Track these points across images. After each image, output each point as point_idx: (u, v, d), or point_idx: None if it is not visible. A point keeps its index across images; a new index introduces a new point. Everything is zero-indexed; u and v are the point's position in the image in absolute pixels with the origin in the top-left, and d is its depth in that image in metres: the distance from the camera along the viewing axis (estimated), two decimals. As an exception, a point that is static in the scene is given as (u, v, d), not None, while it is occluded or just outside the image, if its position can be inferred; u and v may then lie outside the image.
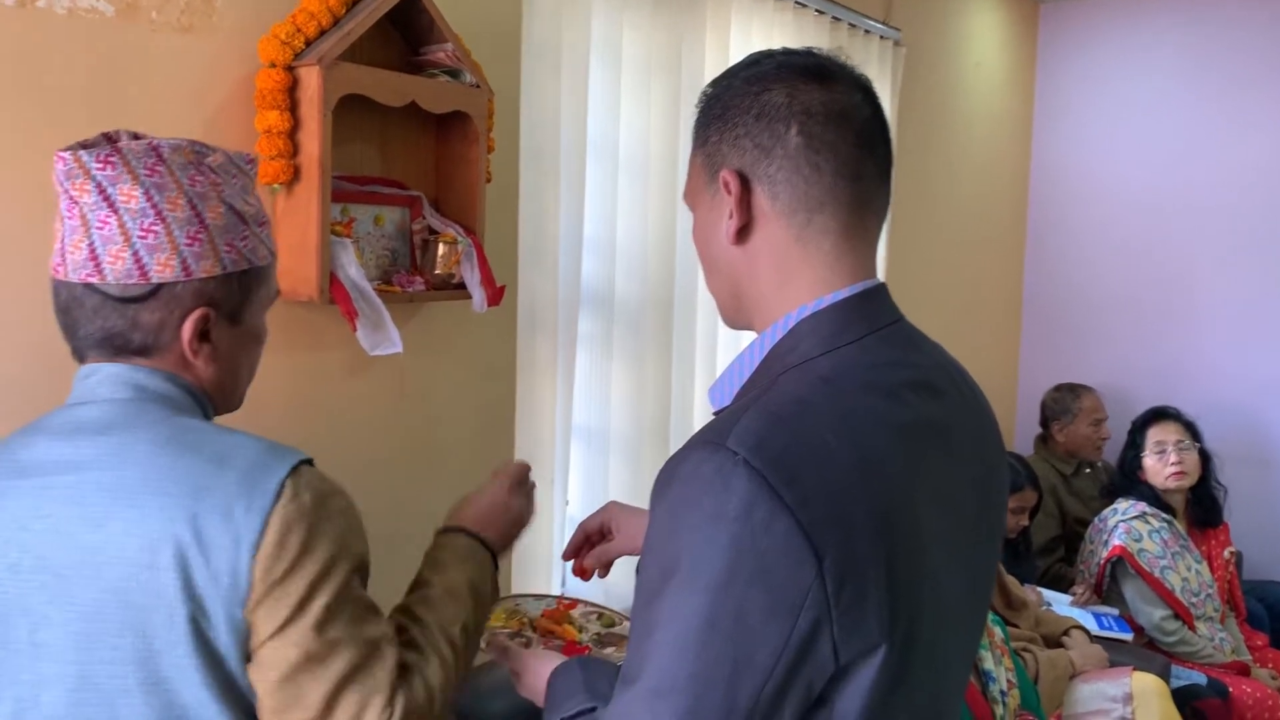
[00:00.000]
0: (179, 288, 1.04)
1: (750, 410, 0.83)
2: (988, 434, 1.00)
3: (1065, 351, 4.51)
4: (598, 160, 2.32)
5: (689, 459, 0.82)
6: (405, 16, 1.75)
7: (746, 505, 0.76)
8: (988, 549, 0.98)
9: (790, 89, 0.91)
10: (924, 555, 0.83)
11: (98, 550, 0.95)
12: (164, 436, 0.99)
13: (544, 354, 2.19)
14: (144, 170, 1.02)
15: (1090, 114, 4.49)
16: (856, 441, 0.82)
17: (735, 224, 0.93)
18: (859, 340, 0.89)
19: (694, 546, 0.78)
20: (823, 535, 0.76)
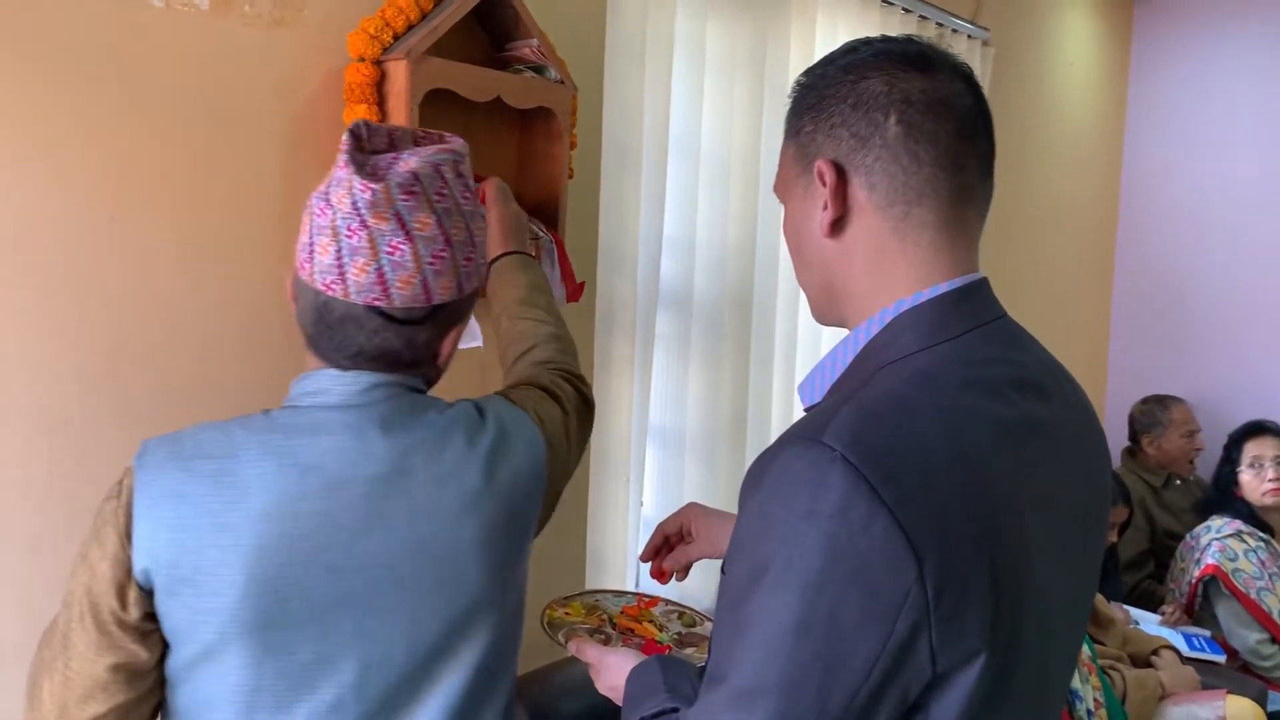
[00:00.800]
0: (450, 306, 1.08)
1: (846, 405, 0.79)
2: (1094, 440, 0.95)
3: (1156, 361, 4.36)
4: (679, 159, 2.30)
5: (782, 454, 0.79)
6: (491, 12, 1.75)
7: (843, 502, 0.73)
8: (1090, 560, 0.93)
9: (889, 77, 0.88)
10: (1027, 562, 0.80)
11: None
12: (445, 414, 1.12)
13: (621, 353, 2.18)
14: (435, 195, 1.05)
15: (1185, 117, 4.34)
16: (958, 440, 0.78)
17: (830, 215, 0.90)
18: (959, 336, 0.86)
19: (787, 544, 0.75)
20: (923, 536, 0.73)
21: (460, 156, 1.09)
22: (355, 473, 1.03)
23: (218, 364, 1.55)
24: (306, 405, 1.07)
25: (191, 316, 1.51)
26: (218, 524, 0.99)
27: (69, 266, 1.38)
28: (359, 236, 1.02)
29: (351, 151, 1.04)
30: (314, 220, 1.05)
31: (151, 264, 1.46)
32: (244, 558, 0.98)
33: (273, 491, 1.00)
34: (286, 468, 1.01)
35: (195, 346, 1.52)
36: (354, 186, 1.01)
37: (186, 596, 0.99)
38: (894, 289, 0.89)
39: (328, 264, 1.03)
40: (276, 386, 1.58)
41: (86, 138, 1.38)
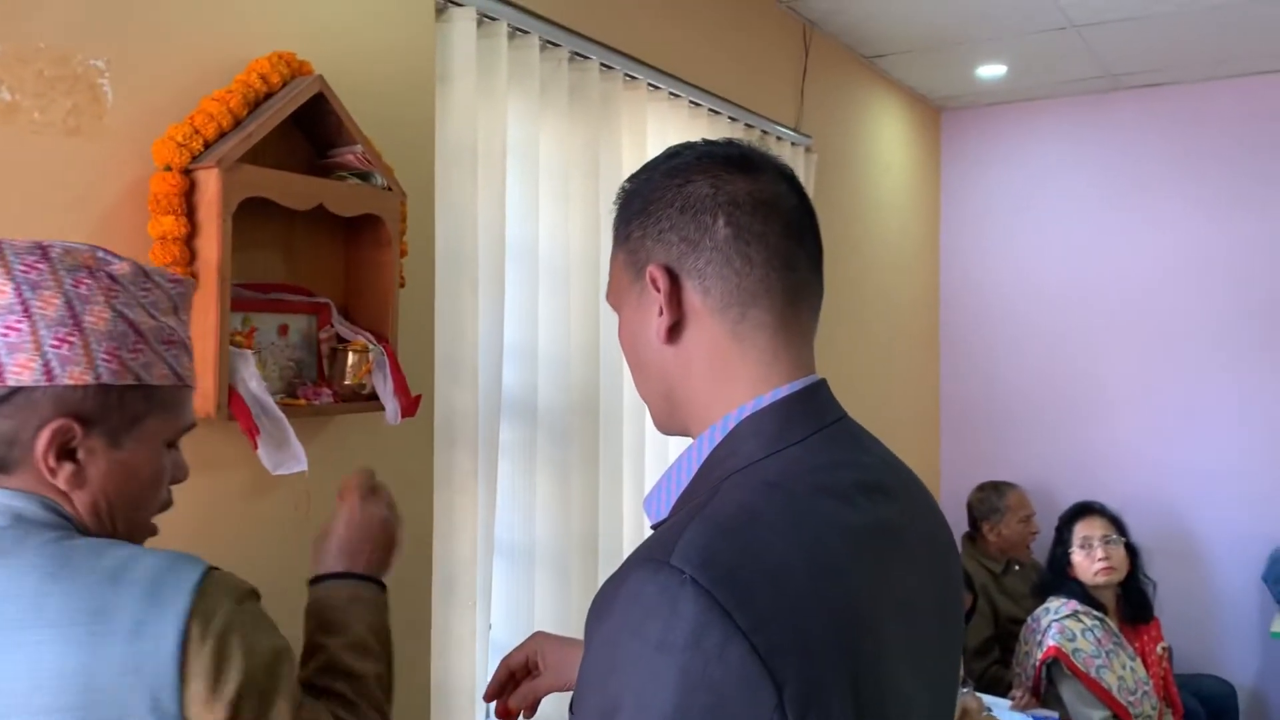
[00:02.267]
0: (37, 393, 0.91)
1: (694, 522, 0.74)
2: (941, 537, 0.93)
3: (985, 449, 4.54)
4: (517, 264, 2.26)
5: (629, 579, 0.73)
6: (311, 118, 1.68)
7: (696, 631, 0.68)
8: (951, 660, 0.90)
9: (714, 179, 0.87)
10: (891, 672, 0.76)
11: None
12: (53, 557, 0.87)
13: (463, 466, 2.07)
14: (20, 266, 0.92)
15: (995, 215, 4.62)
16: (812, 552, 0.74)
17: (666, 322, 0.87)
18: (803, 440, 0.83)
19: (638, 681, 0.68)
20: (782, 661, 0.68)
21: (107, 259, 0.97)
22: None
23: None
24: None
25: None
26: None
27: None
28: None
29: None
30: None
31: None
32: None
33: None
34: None
35: None
36: None
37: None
38: (734, 395, 0.86)
39: None
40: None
41: None
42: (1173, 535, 4.16)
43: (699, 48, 2.95)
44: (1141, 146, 4.27)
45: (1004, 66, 4.05)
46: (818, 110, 3.64)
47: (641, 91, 2.67)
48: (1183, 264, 4.16)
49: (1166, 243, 4.20)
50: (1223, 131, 4.11)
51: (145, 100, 1.52)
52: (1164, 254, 4.21)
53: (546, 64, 2.34)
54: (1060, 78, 4.17)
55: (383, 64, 1.91)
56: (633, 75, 2.63)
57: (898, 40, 3.75)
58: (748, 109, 3.14)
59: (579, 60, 2.44)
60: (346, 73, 1.79)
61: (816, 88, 3.62)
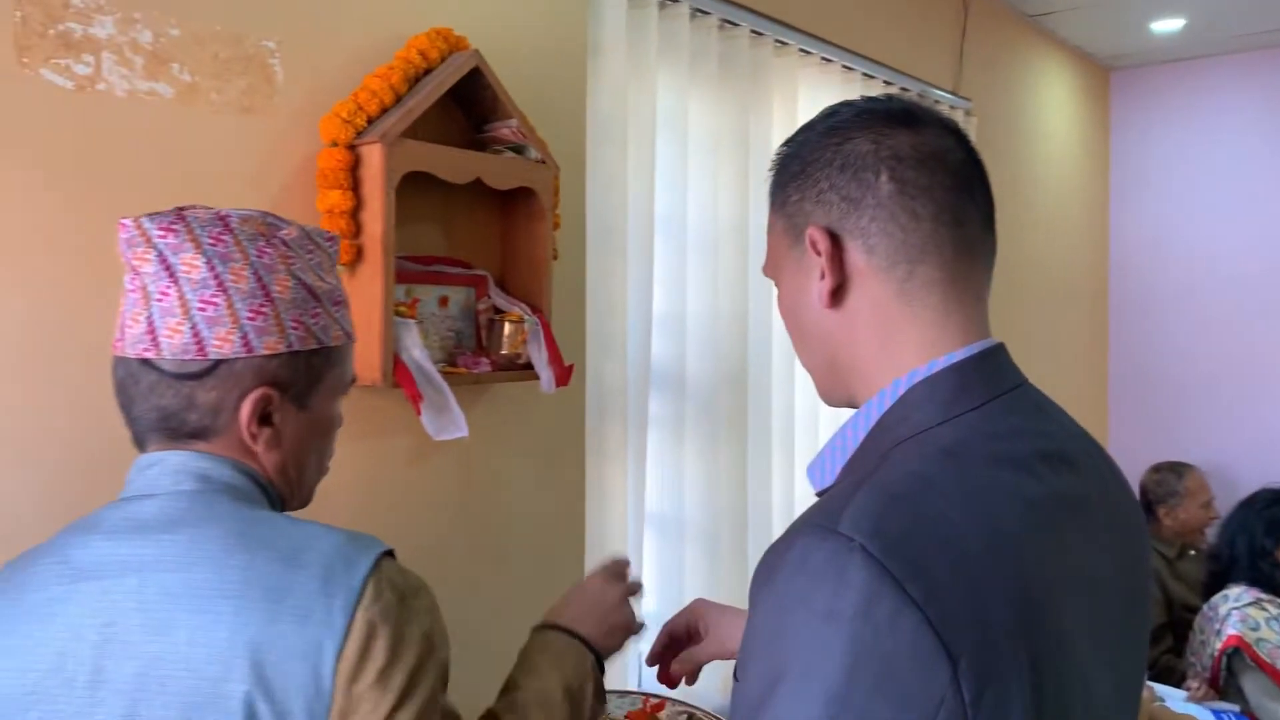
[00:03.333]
0: (239, 364, 0.95)
1: (863, 489, 0.71)
2: (1129, 512, 0.87)
3: (1156, 426, 4.30)
4: (666, 236, 2.25)
5: (795, 546, 0.70)
6: (468, 93, 1.71)
7: (866, 600, 0.65)
8: (1137, 642, 0.85)
9: (875, 134, 0.83)
10: (1071, 651, 0.72)
11: (160, 661, 0.86)
12: (235, 532, 0.90)
13: (614, 437, 2.09)
14: (208, 239, 0.96)
15: (1168, 181, 4.35)
16: (988, 522, 0.70)
17: (829, 284, 0.83)
18: (980, 406, 0.78)
19: (805, 649, 0.67)
20: (956, 633, 0.65)
21: (281, 224, 1.01)
22: (104, 573, 0.90)
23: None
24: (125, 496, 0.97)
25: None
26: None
27: (29, 366, 1.30)
28: (135, 285, 0.95)
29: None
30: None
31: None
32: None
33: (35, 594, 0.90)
34: (50, 567, 0.92)
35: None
36: (118, 229, 0.96)
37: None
38: (905, 358, 0.82)
39: (119, 324, 0.98)
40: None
41: (46, 232, 1.31)
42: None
43: (852, 10, 2.87)
44: (1338, 102, 3.94)
45: (1181, 19, 3.79)
46: (978, 72, 3.50)
47: (792, 57, 2.62)
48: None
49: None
50: None
51: (312, 78, 1.58)
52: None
53: (696, 33, 2.32)
54: (1244, 30, 3.88)
55: (536, 38, 1.93)
56: (783, 41, 2.58)
57: (1064, -4, 3.57)
58: (904, 72, 3.04)
59: (729, 28, 2.42)
60: (501, 47, 1.81)
61: (976, 49, 3.48)
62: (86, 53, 1.34)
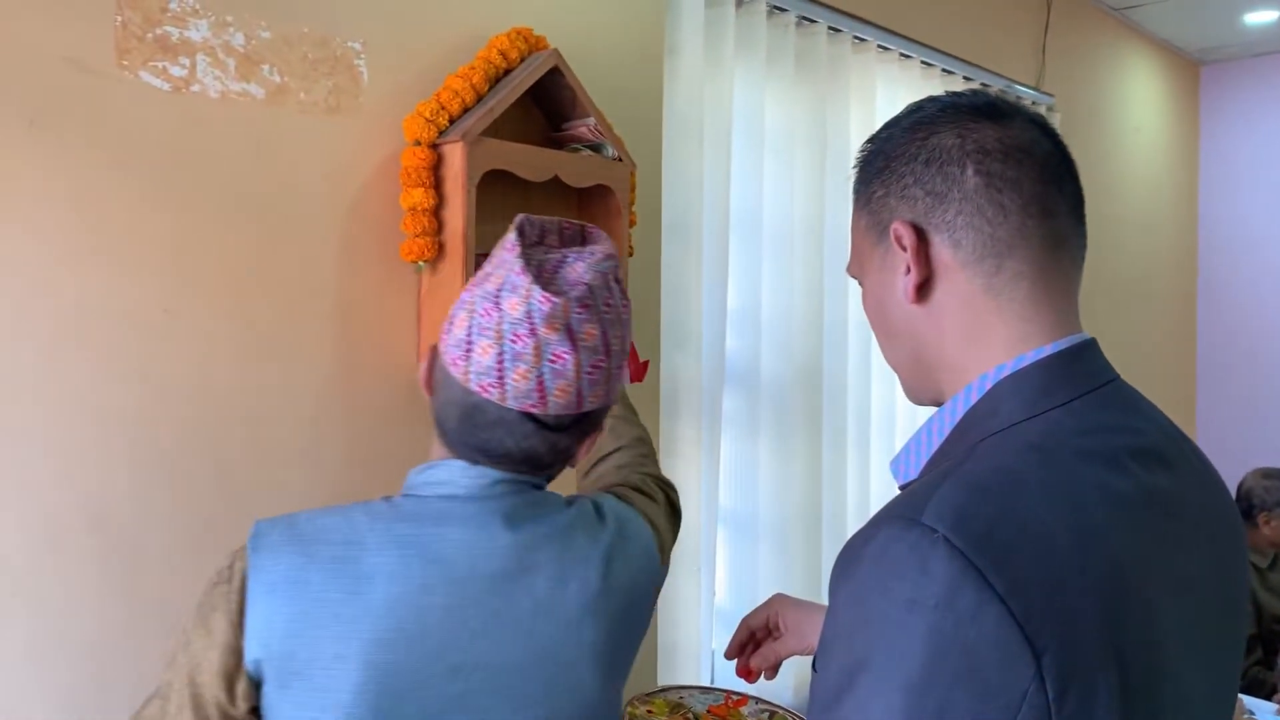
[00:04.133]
0: (595, 413, 1.05)
1: (948, 480, 0.70)
2: (1226, 513, 0.85)
3: (1244, 427, 4.16)
4: (741, 234, 2.25)
5: (877, 536, 0.70)
6: (547, 92, 1.73)
7: (948, 591, 0.64)
8: (1233, 648, 0.82)
9: (960, 128, 0.82)
10: (1161, 651, 0.70)
11: None
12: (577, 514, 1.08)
13: (688, 435, 2.10)
14: (604, 307, 1.01)
15: (1260, 176, 4.21)
16: (1076, 518, 0.69)
17: (915, 279, 0.82)
18: (1070, 402, 0.77)
19: (886, 639, 0.66)
20: (1041, 628, 0.63)
21: (617, 261, 1.07)
22: (479, 567, 0.99)
23: (279, 462, 1.50)
24: (430, 495, 1.03)
25: (250, 412, 1.47)
26: (337, 614, 0.93)
27: (124, 358, 1.36)
28: (525, 343, 0.98)
29: (525, 253, 1.01)
30: (475, 319, 1.01)
31: (207, 357, 1.43)
32: (362, 652, 0.93)
33: (396, 583, 0.95)
34: (410, 558, 0.96)
35: (254, 443, 1.47)
36: (533, 296, 0.97)
37: (298, 691, 0.93)
38: (992, 353, 0.81)
39: (487, 366, 0.99)
40: (341, 486, 1.53)
41: (143, 229, 1.36)
42: None
43: (931, 5, 2.84)
44: None
45: (1276, 11, 3.66)
46: (1060, 67, 3.42)
47: (871, 54, 2.60)
48: None
49: None
50: None
51: (396, 79, 1.61)
52: None
53: (773, 30, 2.32)
54: (1346, 20, 3.74)
55: (614, 37, 1.94)
56: (861, 37, 2.56)
57: (1152, -12, 3.48)
58: (984, 68, 2.99)
59: (806, 25, 2.40)
60: (580, 46, 1.83)
61: (1059, 43, 3.41)
62: (183, 55, 1.39)
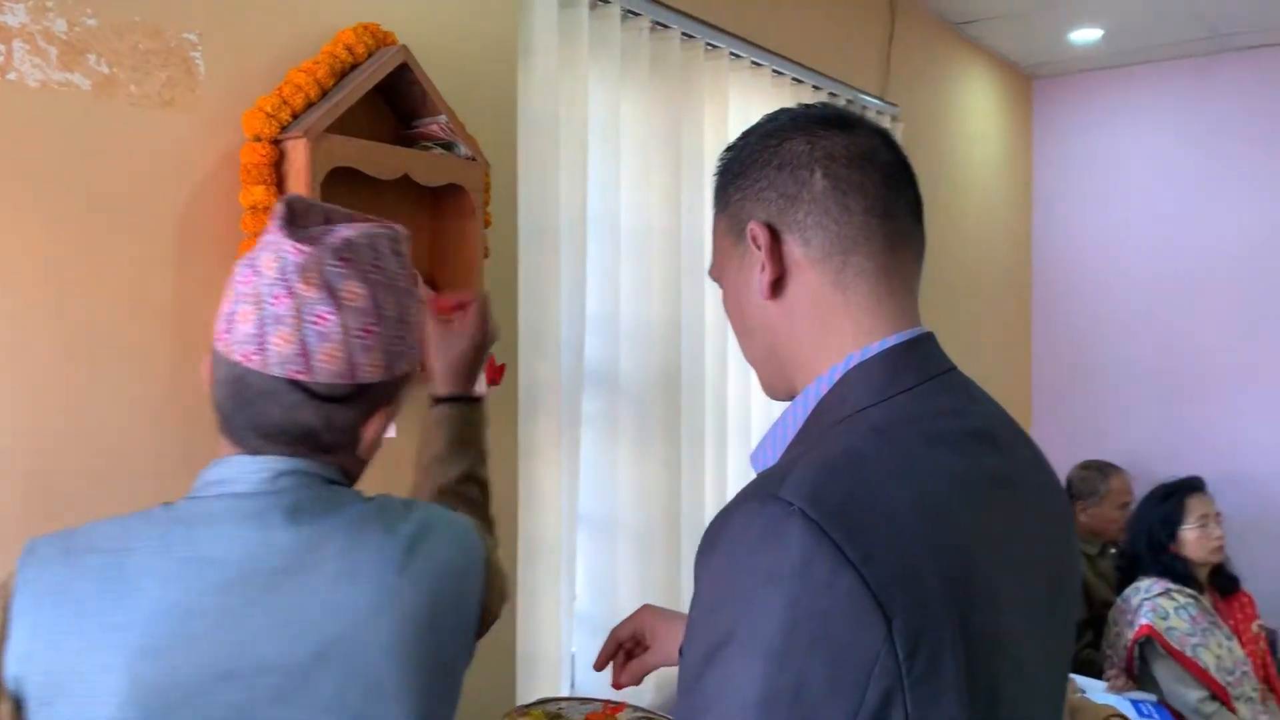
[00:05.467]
0: (376, 388, 1.00)
1: (802, 461, 0.75)
2: (1055, 493, 0.92)
3: (1076, 424, 4.41)
4: (599, 236, 2.25)
5: (736, 514, 0.74)
6: (396, 90, 1.69)
7: (804, 561, 0.68)
8: (1064, 621, 0.88)
9: (810, 136, 0.89)
10: (1000, 620, 0.75)
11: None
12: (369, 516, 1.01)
13: (547, 437, 2.09)
14: (369, 267, 0.99)
15: (1088, 185, 4.48)
16: (920, 494, 0.74)
17: (769, 276, 0.88)
18: (912, 389, 0.83)
19: (747, 612, 0.69)
20: (891, 594, 0.68)
21: (398, 235, 1.05)
22: (256, 566, 0.93)
23: (117, 467, 1.41)
24: (209, 495, 0.98)
25: (82, 417, 1.38)
26: (104, 624, 0.88)
27: (-69, 366, 1.26)
28: (284, 304, 0.95)
29: (285, 221, 0.99)
30: (237, 288, 0.98)
31: (33, 362, 1.34)
32: (129, 663, 0.87)
33: (166, 588, 0.90)
34: (183, 561, 0.92)
35: (88, 449, 1.39)
36: (283, 249, 0.96)
37: (61, 706, 0.87)
38: (841, 345, 0.87)
39: (248, 333, 0.96)
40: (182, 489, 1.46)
41: (-48, 226, 1.27)
42: (1273, 516, 4.00)
43: (782, 16, 2.91)
44: (1248, 111, 4.08)
45: (1100, 30, 3.90)
46: (904, 79, 3.56)
47: (723, 61, 2.64)
48: (1291, 234, 3.98)
49: (1270, 212, 4.02)
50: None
51: (235, 72, 1.55)
52: (1268, 223, 4.02)
53: (627, 34, 2.33)
54: (1160, 40, 4.00)
55: (465, 35, 1.91)
56: (714, 44, 2.60)
57: (988, 4, 3.65)
58: (833, 78, 3.08)
59: (660, 30, 2.43)
60: (430, 44, 1.80)
61: (903, 55, 3.54)
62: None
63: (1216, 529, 3.14)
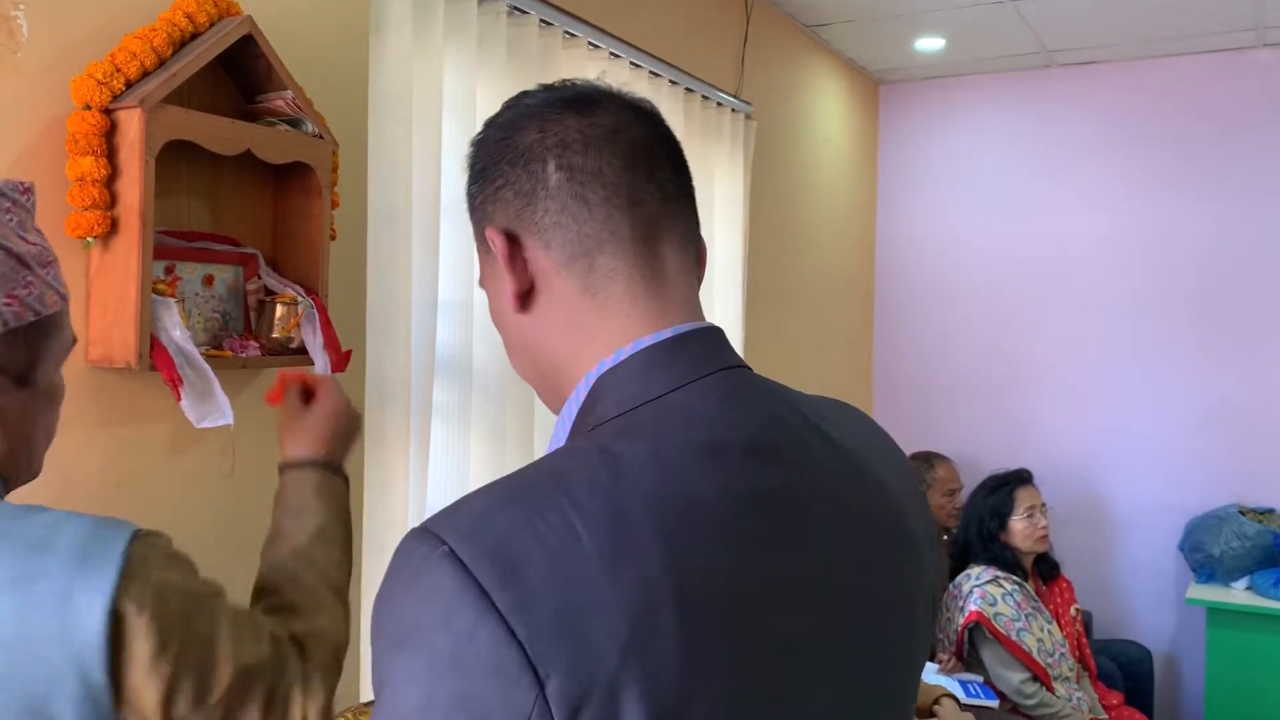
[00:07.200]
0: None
1: (493, 486, 0.67)
2: (879, 508, 0.78)
3: (917, 418, 4.60)
4: (453, 221, 2.21)
5: (401, 549, 0.65)
6: (239, 61, 1.62)
7: (446, 610, 0.60)
8: (891, 651, 0.76)
9: (542, 123, 0.78)
10: (731, 665, 0.63)
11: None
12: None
13: (395, 426, 2.04)
14: None
15: (930, 190, 4.67)
16: (613, 524, 0.63)
17: (513, 288, 0.78)
18: (663, 396, 0.72)
19: (392, 663, 0.62)
20: (549, 649, 0.58)
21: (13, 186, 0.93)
22: None
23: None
24: None
25: None
26: None
27: None
28: None
29: None
30: None
31: None
32: None
33: None
34: None
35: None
36: None
37: None
38: (595, 352, 0.76)
39: None
40: None
41: None
42: (1093, 506, 4.27)
43: (641, 9, 2.92)
44: (1074, 124, 4.34)
45: (942, 40, 4.08)
46: (758, 78, 3.63)
47: (581, 50, 2.64)
48: (1112, 241, 4.25)
49: (1097, 220, 4.29)
50: (1154, 111, 4.19)
51: (63, 36, 1.45)
52: (1094, 231, 4.29)
53: (484, 18, 2.30)
54: (997, 53, 4.22)
55: (314, 8, 1.85)
56: (572, 33, 2.59)
57: (838, 9, 3.76)
58: (689, 73, 3.12)
59: (517, 15, 2.40)
60: (276, 15, 1.73)
61: (758, 55, 3.61)
62: None
63: (1042, 519, 3.34)
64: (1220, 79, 4.09)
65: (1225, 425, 4.06)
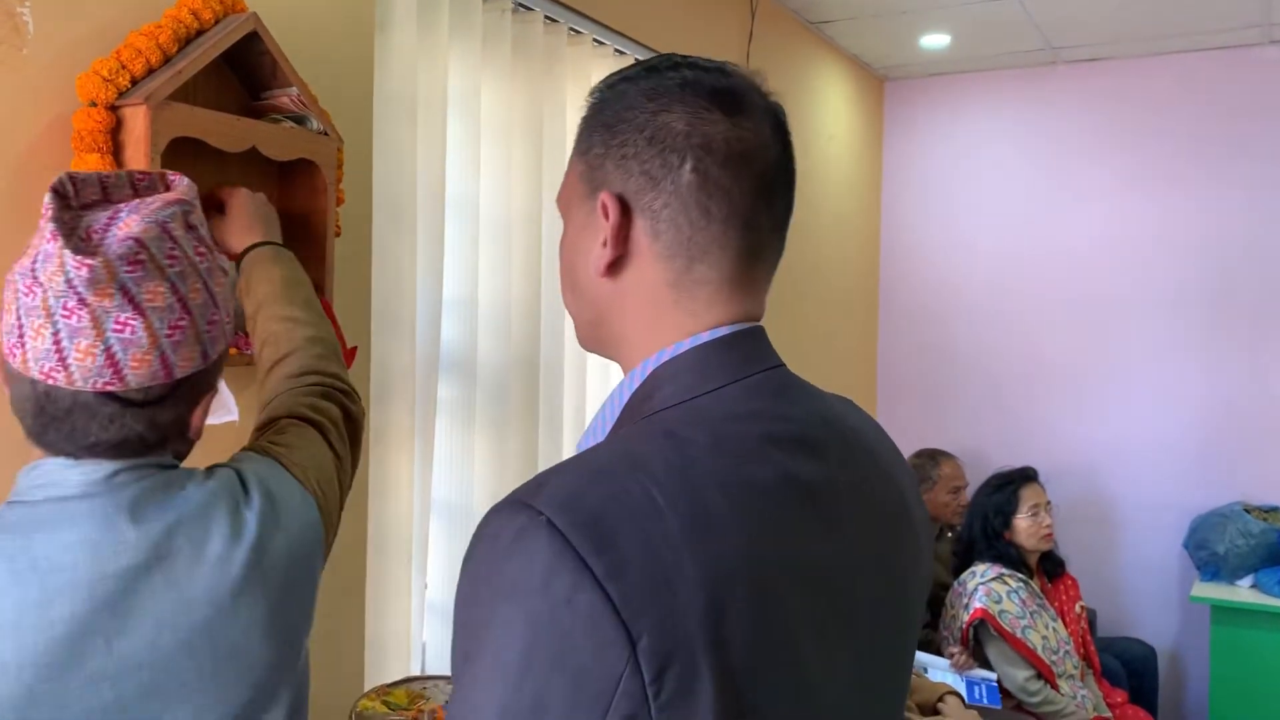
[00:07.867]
0: (196, 378, 0.96)
1: (572, 464, 0.72)
2: (890, 502, 0.85)
3: (920, 416, 4.60)
4: (457, 217, 2.22)
5: (493, 519, 0.69)
6: (244, 58, 1.62)
7: (546, 574, 0.64)
8: (894, 639, 0.82)
9: (692, 115, 0.79)
10: (783, 641, 0.69)
11: None
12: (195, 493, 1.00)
13: (400, 422, 2.04)
14: (166, 260, 0.92)
15: (935, 187, 4.66)
16: (691, 505, 0.68)
17: (609, 256, 0.81)
18: (718, 389, 0.78)
19: (491, 626, 0.66)
20: (639, 612, 0.63)
21: (189, 206, 0.98)
22: (107, 567, 0.90)
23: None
24: (38, 499, 0.92)
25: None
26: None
27: None
28: (79, 316, 0.89)
29: (58, 215, 0.91)
30: (20, 300, 0.90)
31: None
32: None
33: (8, 602, 0.86)
34: (22, 572, 0.87)
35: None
36: (67, 264, 0.88)
37: None
38: (661, 339, 0.81)
39: (44, 349, 0.89)
40: None
41: None
42: (1099, 504, 4.26)
43: (645, 5, 2.92)
44: (1079, 121, 4.33)
45: (947, 36, 4.07)
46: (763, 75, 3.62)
47: (586, 47, 2.64)
48: (1118, 238, 4.24)
49: (1101, 218, 4.27)
50: (1160, 108, 4.18)
51: (69, 32, 1.46)
52: (1099, 229, 4.28)
53: (489, 15, 2.30)
54: (1002, 49, 4.21)
55: (319, 6, 1.85)
56: (577, 30, 2.59)
57: (843, 6, 3.75)
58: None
59: (522, 12, 2.40)
60: (281, 12, 1.73)
61: (762, 52, 3.61)
62: None
63: (1047, 517, 3.34)
64: (1227, 76, 4.07)
65: (1231, 423, 4.05)
